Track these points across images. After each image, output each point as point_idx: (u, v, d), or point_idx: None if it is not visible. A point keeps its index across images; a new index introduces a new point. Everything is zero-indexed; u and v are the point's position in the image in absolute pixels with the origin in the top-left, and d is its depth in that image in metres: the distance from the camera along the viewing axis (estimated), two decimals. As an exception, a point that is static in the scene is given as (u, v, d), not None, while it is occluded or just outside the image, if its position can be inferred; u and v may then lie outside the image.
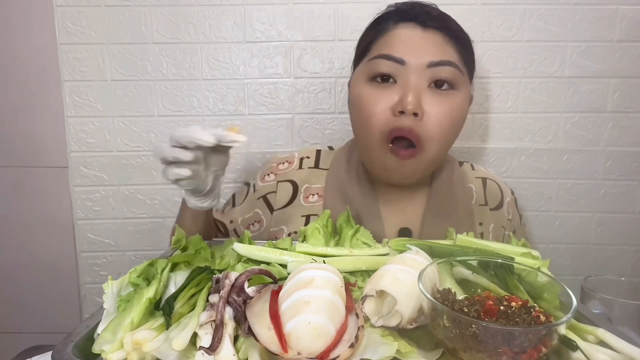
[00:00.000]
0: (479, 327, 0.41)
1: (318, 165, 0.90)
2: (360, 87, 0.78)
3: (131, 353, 0.46)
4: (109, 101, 1.14)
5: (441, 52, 0.75)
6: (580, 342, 0.48)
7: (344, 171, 0.86)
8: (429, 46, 0.75)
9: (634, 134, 1.15)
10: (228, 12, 1.12)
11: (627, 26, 1.11)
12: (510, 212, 0.89)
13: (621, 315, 0.69)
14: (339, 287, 0.50)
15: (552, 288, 0.51)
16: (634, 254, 1.20)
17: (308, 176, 0.88)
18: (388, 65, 0.74)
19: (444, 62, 0.74)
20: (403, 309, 0.47)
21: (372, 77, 0.77)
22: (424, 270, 0.49)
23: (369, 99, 0.76)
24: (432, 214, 0.83)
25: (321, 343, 0.43)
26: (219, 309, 0.48)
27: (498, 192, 0.89)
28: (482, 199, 0.88)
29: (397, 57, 0.74)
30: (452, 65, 0.75)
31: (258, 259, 0.65)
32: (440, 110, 0.74)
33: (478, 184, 0.89)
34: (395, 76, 0.75)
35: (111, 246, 1.20)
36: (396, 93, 0.74)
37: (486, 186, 0.89)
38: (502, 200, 0.89)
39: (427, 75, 0.74)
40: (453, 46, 0.77)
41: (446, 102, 0.75)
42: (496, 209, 0.88)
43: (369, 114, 0.75)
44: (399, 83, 0.75)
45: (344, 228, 0.73)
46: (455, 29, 0.78)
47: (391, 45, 0.75)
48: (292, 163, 0.91)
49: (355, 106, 0.79)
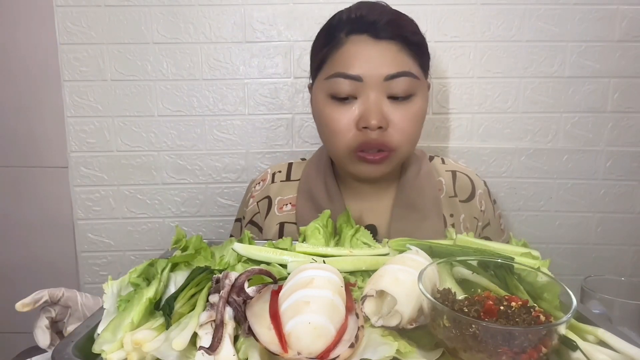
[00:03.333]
0: (479, 327, 0.41)
1: (289, 178, 0.94)
2: (322, 104, 0.80)
3: (131, 353, 0.46)
4: (109, 101, 1.14)
5: (396, 63, 0.76)
6: (580, 342, 0.48)
7: (313, 178, 0.90)
8: (384, 58, 0.76)
9: (634, 134, 1.15)
10: (228, 12, 1.12)
11: (627, 26, 1.11)
12: (483, 204, 0.91)
13: (621, 315, 0.69)
14: (339, 287, 0.50)
15: (552, 288, 0.51)
16: (634, 254, 1.20)
17: (280, 189, 0.93)
18: (346, 84, 0.76)
19: (400, 73, 0.76)
20: (403, 309, 0.47)
21: (331, 96, 0.79)
22: (424, 270, 0.49)
23: (332, 116, 0.78)
24: (399, 207, 0.86)
25: (321, 343, 0.43)
26: (219, 309, 0.48)
27: (469, 184, 0.91)
28: (452, 191, 0.90)
29: (354, 74, 0.76)
30: (408, 75, 0.77)
31: (258, 259, 0.65)
32: (403, 118, 0.77)
33: (448, 177, 0.92)
34: (354, 93, 0.77)
35: (111, 246, 1.20)
36: (357, 108, 0.77)
37: (456, 179, 0.92)
38: (474, 192, 0.91)
39: (385, 88, 0.76)
40: (407, 53, 0.78)
41: (407, 109, 0.78)
42: (467, 200, 0.90)
43: (334, 131, 0.78)
44: (359, 99, 0.77)
45: (344, 228, 0.73)
46: (407, 35, 0.78)
47: (346, 62, 0.77)
48: (265, 180, 0.95)
49: (320, 120, 0.82)
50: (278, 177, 0.95)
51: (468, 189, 0.91)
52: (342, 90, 0.77)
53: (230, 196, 1.19)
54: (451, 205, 0.89)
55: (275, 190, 0.93)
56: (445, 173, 0.92)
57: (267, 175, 0.96)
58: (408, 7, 1.11)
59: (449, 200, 0.89)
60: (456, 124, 1.17)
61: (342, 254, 0.65)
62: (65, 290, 0.63)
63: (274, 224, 0.90)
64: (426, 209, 0.85)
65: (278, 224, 0.89)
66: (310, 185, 0.89)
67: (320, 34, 0.84)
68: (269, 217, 0.91)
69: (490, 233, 0.91)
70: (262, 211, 0.93)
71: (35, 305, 0.60)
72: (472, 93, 1.15)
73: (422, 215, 0.84)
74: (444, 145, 1.18)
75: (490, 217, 0.92)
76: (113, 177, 1.17)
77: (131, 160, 1.16)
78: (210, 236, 1.18)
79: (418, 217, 0.84)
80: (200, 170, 1.18)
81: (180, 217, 1.20)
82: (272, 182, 0.94)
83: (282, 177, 0.95)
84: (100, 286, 0.55)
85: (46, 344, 0.60)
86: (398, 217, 0.85)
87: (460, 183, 0.91)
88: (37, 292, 0.61)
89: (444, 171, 0.93)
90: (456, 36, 1.12)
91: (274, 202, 0.92)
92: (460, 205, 0.89)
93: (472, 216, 0.89)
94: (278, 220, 0.90)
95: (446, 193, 0.90)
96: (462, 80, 1.15)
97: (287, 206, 0.90)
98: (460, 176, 0.92)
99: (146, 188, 1.18)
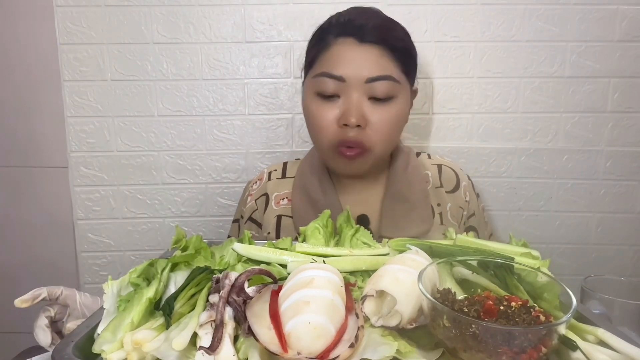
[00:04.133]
0: (479, 327, 0.41)
1: (285, 175, 0.99)
2: (309, 100, 0.86)
3: (131, 353, 0.46)
4: (109, 101, 1.14)
5: (377, 67, 0.81)
6: (580, 342, 0.48)
7: (307, 174, 0.94)
8: (367, 61, 0.81)
9: (634, 134, 1.15)
10: (228, 12, 1.12)
11: (627, 26, 1.11)
12: (468, 195, 0.97)
13: (621, 315, 0.69)
14: (339, 287, 0.50)
15: (552, 288, 0.51)
16: (634, 254, 1.20)
17: (276, 186, 0.98)
18: (330, 83, 0.82)
19: (381, 77, 0.81)
20: (403, 309, 0.47)
21: (317, 93, 0.84)
22: (424, 270, 0.49)
23: (317, 113, 0.84)
24: (390, 199, 0.91)
25: (321, 343, 0.43)
26: (219, 309, 0.48)
27: (453, 177, 0.97)
28: (438, 182, 0.96)
29: (337, 74, 0.81)
30: (388, 79, 0.81)
31: (258, 259, 0.65)
32: (381, 119, 0.82)
33: (434, 170, 0.97)
34: (337, 92, 0.82)
35: (111, 246, 1.20)
36: (340, 107, 0.82)
37: (441, 171, 0.97)
38: (459, 184, 0.96)
39: (366, 89, 0.81)
40: (390, 58, 0.82)
41: (386, 111, 0.82)
42: (452, 191, 0.95)
43: (319, 127, 0.84)
44: (342, 98, 0.82)
45: (344, 228, 0.73)
46: (391, 41, 0.82)
47: (331, 63, 0.82)
48: (262, 179, 1.00)
49: (307, 116, 0.88)
50: (274, 175, 0.99)
51: (453, 181, 0.97)
52: (326, 88, 0.82)
53: (230, 196, 1.19)
54: (438, 196, 0.94)
55: (272, 187, 0.98)
56: (432, 166, 0.98)
57: (264, 174, 1.00)
58: (408, 7, 1.11)
59: (436, 190, 0.94)
60: (456, 124, 1.17)
61: (342, 254, 0.65)
62: (64, 289, 0.63)
63: (271, 217, 0.94)
64: (415, 199, 0.90)
65: (275, 216, 0.94)
66: (304, 180, 0.94)
67: (313, 35, 0.90)
68: (267, 212, 0.95)
69: (475, 223, 0.96)
70: (260, 208, 0.97)
71: (34, 301, 0.60)
72: (472, 93, 1.15)
73: (411, 205, 0.90)
74: (444, 145, 1.18)
75: (475, 208, 0.97)
76: (113, 177, 1.17)
77: (131, 160, 1.16)
78: (210, 236, 1.18)
79: (407, 207, 0.89)
80: (200, 170, 1.18)
81: (180, 217, 1.20)
82: (268, 180, 0.99)
83: (277, 175, 0.99)
84: (100, 286, 0.55)
85: (47, 342, 0.60)
86: (388, 207, 0.90)
87: (446, 176, 0.97)
88: (36, 289, 0.61)
89: (431, 165, 0.98)
90: (456, 36, 1.12)
91: (271, 197, 0.96)
92: (446, 196, 0.94)
93: (457, 206, 0.94)
94: (275, 213, 0.94)
95: (432, 184, 0.95)
96: (462, 80, 1.15)
97: (283, 200, 0.95)
98: (445, 169, 0.98)
99: (146, 188, 1.18)
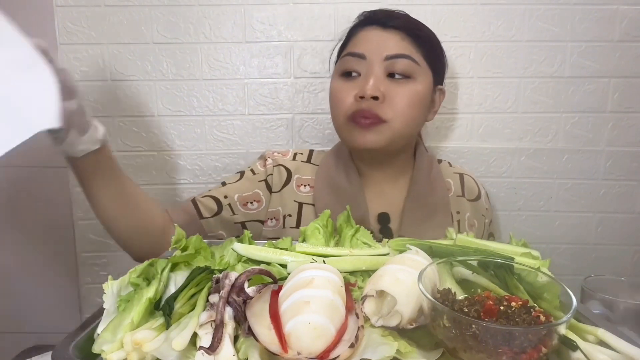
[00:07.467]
0: (479, 327, 0.41)
1: (310, 161, 0.99)
2: (334, 82, 0.91)
3: (131, 353, 0.46)
4: (109, 101, 1.14)
5: (397, 46, 0.85)
6: (580, 342, 0.48)
7: (332, 165, 0.96)
8: (387, 42, 0.86)
9: (634, 134, 1.15)
10: (228, 12, 1.12)
11: (627, 26, 1.11)
12: (487, 203, 1.03)
13: (621, 315, 0.69)
14: (339, 287, 0.50)
15: (552, 288, 0.51)
16: (634, 254, 1.20)
17: (300, 167, 0.98)
18: (352, 61, 0.87)
19: (399, 55, 0.85)
20: (403, 309, 0.47)
21: (341, 73, 0.89)
22: (424, 270, 0.49)
23: (339, 90, 0.88)
24: (412, 200, 0.93)
25: (321, 343, 0.43)
26: (219, 309, 0.48)
27: (475, 186, 1.01)
28: (460, 191, 0.99)
29: (359, 52, 0.86)
30: (407, 58, 0.85)
31: (258, 259, 0.65)
32: (398, 95, 0.84)
33: (456, 178, 1.00)
34: (359, 70, 0.87)
35: (111, 246, 1.20)
36: (360, 83, 0.86)
37: (464, 180, 1.01)
38: (480, 193, 1.01)
39: (385, 66, 0.85)
40: (410, 42, 0.86)
41: (404, 88, 0.85)
42: (475, 200, 0.99)
43: (338, 102, 0.88)
44: (362, 75, 0.86)
45: (344, 228, 0.73)
46: (413, 28, 0.88)
47: (355, 45, 0.89)
48: (286, 155, 0.99)
49: (330, 97, 0.91)
50: (299, 157, 0.99)
51: (475, 190, 1.01)
52: (348, 66, 0.87)
53: (230, 196, 1.19)
54: (458, 204, 0.97)
55: (296, 166, 0.97)
56: (454, 175, 1.01)
57: (289, 152, 1.00)
58: (408, 7, 1.11)
59: (457, 199, 0.97)
60: (456, 124, 1.17)
61: (342, 254, 0.65)
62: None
63: (292, 199, 0.94)
64: (436, 204, 0.93)
65: (296, 202, 0.94)
66: (330, 170, 0.95)
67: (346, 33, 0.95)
68: (286, 189, 0.94)
69: (492, 229, 1.03)
70: (277, 177, 0.95)
71: None
72: (472, 93, 1.15)
73: (432, 210, 0.92)
74: (444, 145, 1.18)
75: (492, 215, 1.04)
76: (113, 177, 1.17)
77: (131, 160, 1.16)
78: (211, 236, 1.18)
79: (428, 211, 0.92)
80: (200, 170, 1.18)
81: (180, 217, 1.19)
82: (293, 159, 0.98)
83: (303, 158, 0.99)
84: (100, 286, 0.55)
85: None
86: (410, 208, 0.92)
87: (468, 185, 1.00)
88: None
89: (452, 173, 1.01)
90: (456, 36, 1.12)
91: (293, 177, 0.96)
92: (467, 204, 0.97)
93: (480, 214, 0.98)
94: (297, 198, 0.94)
95: (454, 192, 0.98)
96: (462, 80, 1.15)
97: (305, 187, 0.95)
98: (467, 178, 1.01)
99: (146, 188, 1.18)
